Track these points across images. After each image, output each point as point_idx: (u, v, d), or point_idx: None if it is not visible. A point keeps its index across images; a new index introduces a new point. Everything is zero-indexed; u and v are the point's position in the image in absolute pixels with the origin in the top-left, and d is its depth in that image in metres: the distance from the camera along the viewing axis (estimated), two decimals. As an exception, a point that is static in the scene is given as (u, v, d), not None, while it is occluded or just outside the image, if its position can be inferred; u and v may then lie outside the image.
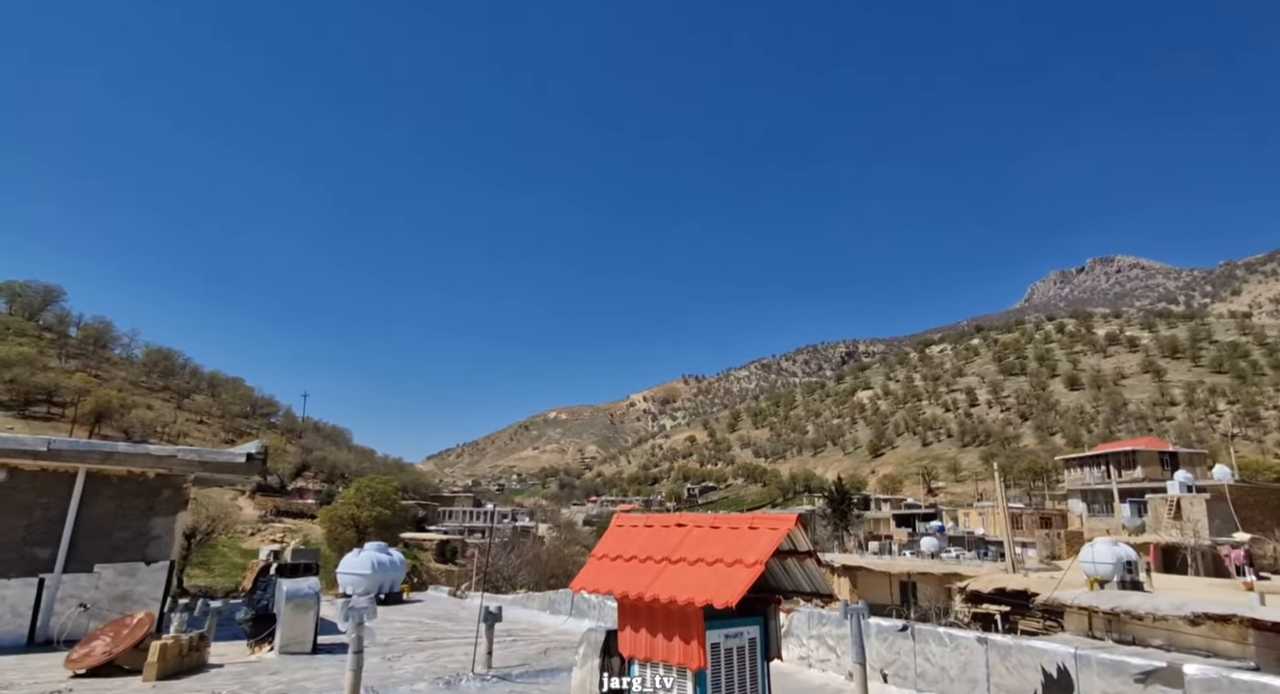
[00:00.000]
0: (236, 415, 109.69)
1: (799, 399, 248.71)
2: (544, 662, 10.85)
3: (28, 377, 77.74)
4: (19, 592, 10.91)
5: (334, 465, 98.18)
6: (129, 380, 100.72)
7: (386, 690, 8.41)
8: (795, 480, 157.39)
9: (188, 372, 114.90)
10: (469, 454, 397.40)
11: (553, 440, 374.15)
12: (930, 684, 8.51)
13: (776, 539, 5.26)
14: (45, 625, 10.99)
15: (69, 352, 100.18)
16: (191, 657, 9.26)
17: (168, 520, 12.56)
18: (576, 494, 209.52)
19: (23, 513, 11.28)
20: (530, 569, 48.23)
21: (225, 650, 10.69)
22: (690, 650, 5.09)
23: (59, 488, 11.60)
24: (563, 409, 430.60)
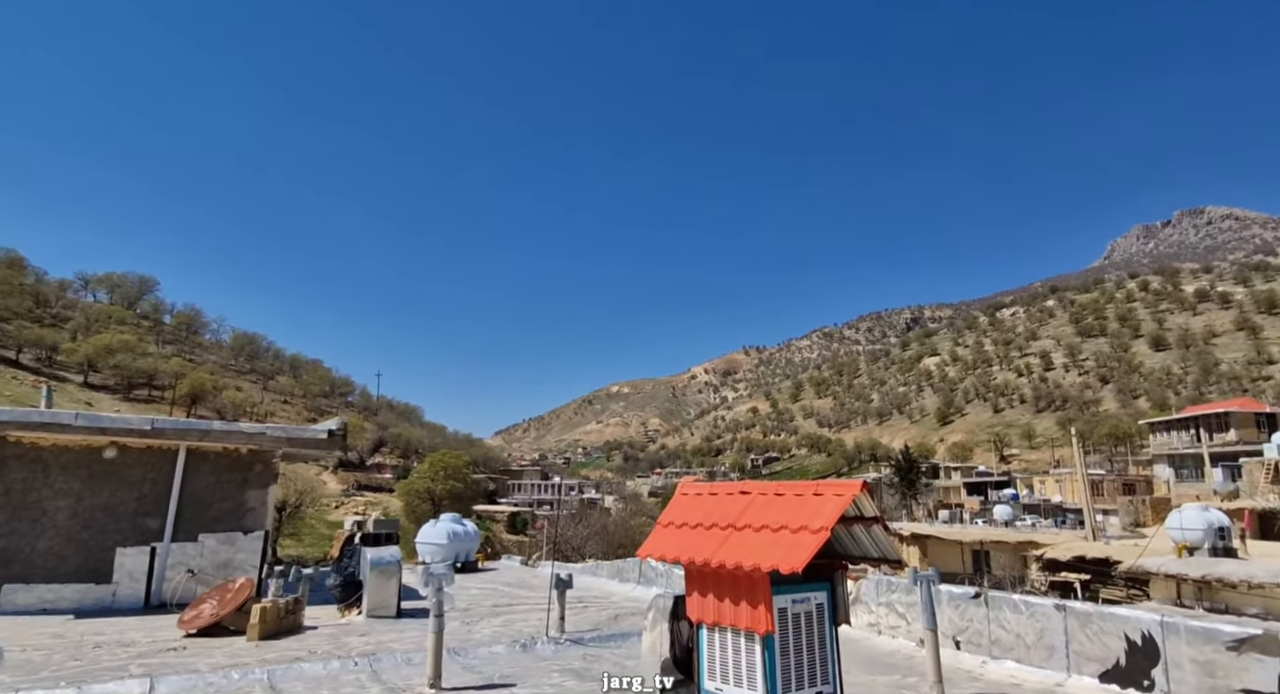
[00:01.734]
0: (317, 395, 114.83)
1: (863, 367, 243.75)
2: (614, 627, 11.12)
3: (130, 362, 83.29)
4: (135, 559, 11.85)
5: (408, 441, 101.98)
6: (219, 364, 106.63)
7: (467, 652, 8.79)
8: (860, 449, 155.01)
9: (271, 354, 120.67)
10: (535, 429, 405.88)
11: (616, 414, 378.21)
12: (1005, 651, 8.36)
13: (842, 505, 5.23)
14: (159, 590, 11.91)
15: (164, 338, 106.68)
16: (289, 619, 9.88)
17: (261, 493, 13.35)
18: (640, 466, 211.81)
19: (134, 487, 12.18)
20: (598, 539, 49.18)
21: (318, 614, 11.35)
22: (758, 615, 5.14)
23: (164, 464, 12.46)
24: (625, 383, 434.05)
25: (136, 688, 6.58)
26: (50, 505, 11.48)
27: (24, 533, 11.22)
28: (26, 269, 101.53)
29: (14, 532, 11.16)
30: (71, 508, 11.62)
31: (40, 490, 11.46)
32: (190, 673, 7.17)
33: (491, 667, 8.13)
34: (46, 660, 7.75)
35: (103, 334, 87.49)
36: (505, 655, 8.84)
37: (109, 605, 11.46)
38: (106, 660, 7.83)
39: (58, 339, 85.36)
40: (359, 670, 7.67)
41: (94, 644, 8.73)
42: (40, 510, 11.41)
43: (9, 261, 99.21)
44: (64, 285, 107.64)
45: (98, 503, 11.86)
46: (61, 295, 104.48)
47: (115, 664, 7.63)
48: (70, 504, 11.62)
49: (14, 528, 11.16)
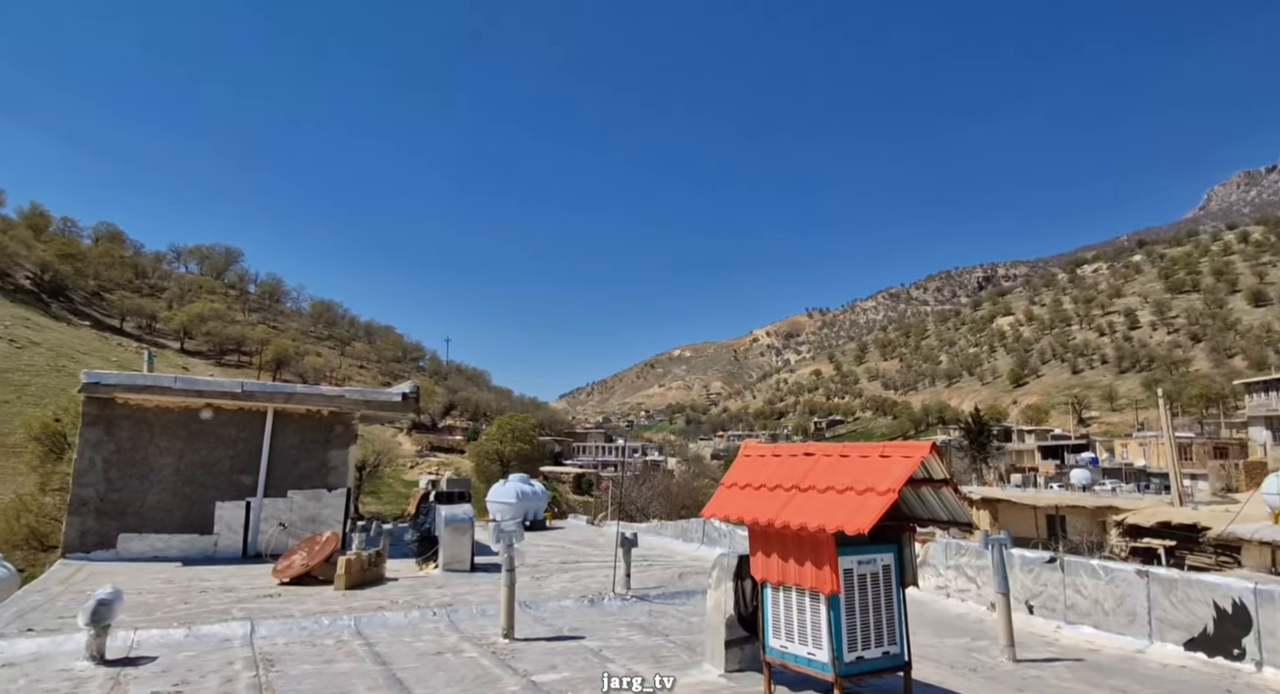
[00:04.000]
0: (390, 360, 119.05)
1: (931, 328, 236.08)
2: (679, 584, 11.31)
3: (220, 329, 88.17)
4: (233, 512, 12.70)
5: (477, 404, 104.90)
6: (300, 330, 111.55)
7: (537, 605, 9.11)
8: (928, 412, 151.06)
9: (347, 321, 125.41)
10: (598, 392, 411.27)
11: (678, 377, 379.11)
12: (1081, 617, 8.13)
13: (909, 467, 5.13)
14: (254, 541, 12.76)
15: (250, 306, 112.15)
16: (371, 571, 10.44)
17: (342, 453, 14.02)
18: (703, 429, 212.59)
19: (229, 445, 12.98)
20: (661, 500, 49.80)
21: (398, 567, 11.94)
22: (823, 575, 5.13)
23: (254, 424, 13.21)
24: (686, 346, 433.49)
25: (239, 630, 7.10)
26: (156, 462, 12.37)
27: (134, 487, 12.15)
28: (126, 243, 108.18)
29: (126, 486, 12.09)
30: (174, 465, 12.49)
31: (147, 448, 12.35)
32: (285, 618, 7.69)
33: (561, 620, 8.41)
34: (160, 602, 8.45)
35: (195, 303, 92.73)
36: (574, 609, 9.12)
37: (211, 554, 12.35)
38: (212, 604, 8.47)
39: (156, 308, 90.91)
40: (438, 620, 8.06)
41: (200, 589, 9.45)
42: (148, 467, 12.32)
43: (110, 235, 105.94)
44: (159, 257, 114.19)
45: (197, 460, 12.71)
46: (157, 266, 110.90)
47: (219, 608, 8.24)
48: (173, 461, 12.49)
49: (126, 483, 12.10)
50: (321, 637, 7.17)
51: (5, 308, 67.49)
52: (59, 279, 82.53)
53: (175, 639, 6.73)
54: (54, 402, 36.57)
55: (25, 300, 73.73)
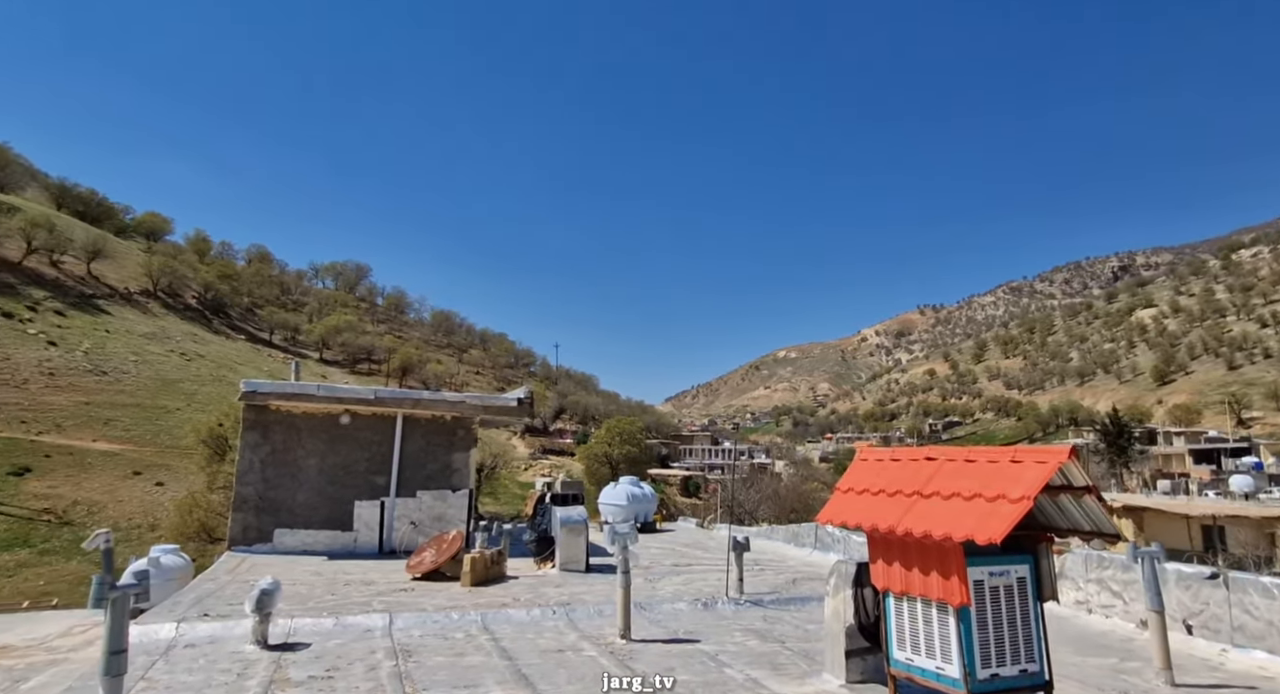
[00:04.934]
0: (503, 366, 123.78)
1: (1058, 323, 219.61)
2: (793, 590, 11.08)
3: (353, 340, 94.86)
4: (369, 511, 13.61)
5: (586, 408, 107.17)
6: (422, 339, 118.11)
7: (652, 607, 9.18)
8: (1056, 413, 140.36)
9: (464, 330, 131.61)
10: (704, 395, 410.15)
11: (784, 379, 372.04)
12: (1253, 640, 7.29)
13: (1045, 473, 4.79)
14: (389, 538, 13.61)
15: (378, 317, 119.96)
16: (494, 569, 10.88)
17: (464, 456, 14.71)
18: (810, 432, 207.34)
19: (364, 448, 13.93)
20: (770, 504, 48.99)
21: (517, 565, 12.38)
22: (950, 586, 4.88)
23: (386, 428, 14.11)
24: (792, 347, 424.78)
25: (379, 621, 7.60)
26: (303, 463, 13.46)
27: (286, 486, 13.27)
28: (273, 262, 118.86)
29: (280, 486, 13.23)
30: (319, 466, 13.54)
31: (295, 450, 13.46)
32: (419, 611, 8.15)
33: (675, 622, 8.44)
34: (310, 593, 9.18)
35: (331, 316, 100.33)
36: (688, 612, 9.13)
37: (352, 550, 13.28)
38: (354, 596, 9.11)
39: (298, 321, 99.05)
40: (557, 618, 8.29)
41: (344, 582, 10.19)
42: (297, 467, 13.42)
43: (260, 256, 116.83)
44: (300, 275, 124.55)
45: (337, 462, 13.71)
46: (299, 283, 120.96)
47: (361, 600, 8.85)
48: (318, 462, 13.54)
49: (279, 482, 13.24)
50: (452, 631, 7.55)
51: (176, 325, 75.58)
52: (219, 297, 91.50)
53: (325, 628, 7.28)
54: (217, 408, 40.55)
55: (192, 317, 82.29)
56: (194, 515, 28.56)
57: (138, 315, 71.67)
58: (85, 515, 37.00)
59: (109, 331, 62.57)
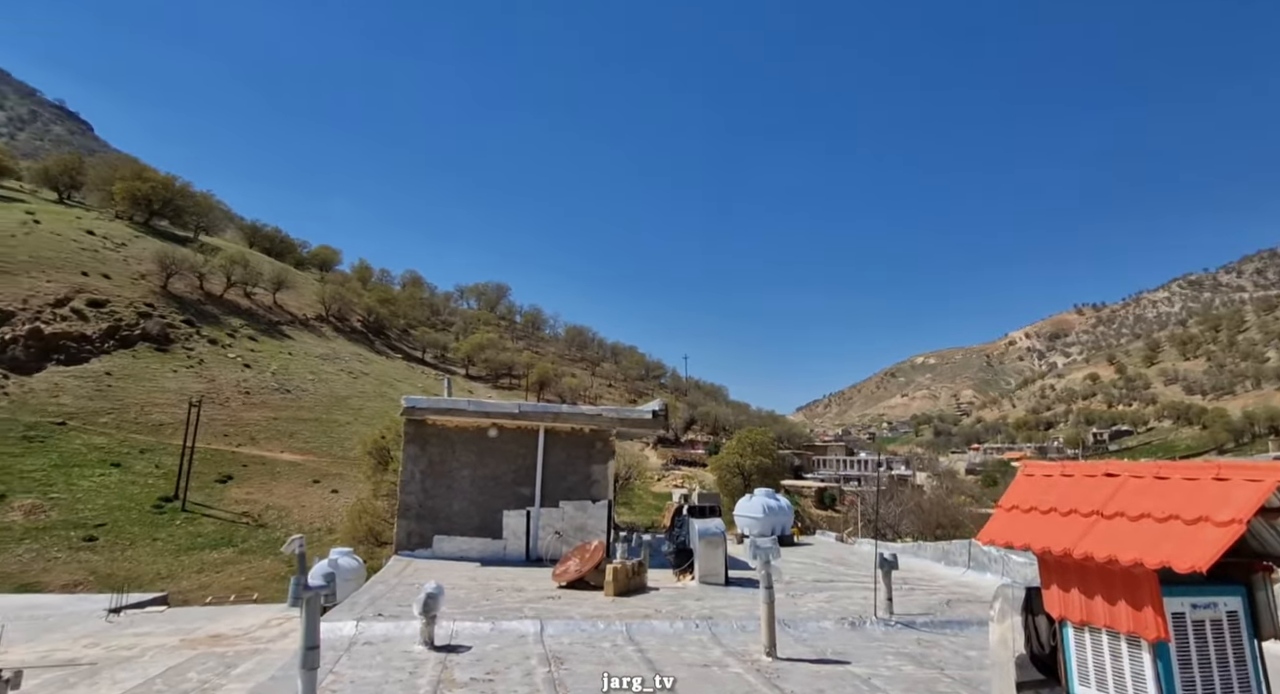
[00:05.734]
0: (635, 378, 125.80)
1: (1250, 318, 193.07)
2: (948, 613, 10.36)
3: (495, 356, 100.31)
4: (516, 520, 14.22)
5: (716, 419, 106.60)
6: (557, 354, 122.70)
7: (796, 624, 8.90)
8: (1252, 420, 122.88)
9: (596, 344, 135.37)
10: (836, 404, 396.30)
11: (922, 386, 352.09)
12: None
13: (1259, 492, 4.15)
14: (534, 546, 14.15)
15: (516, 334, 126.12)
16: (635, 580, 11.00)
17: (602, 467, 15.04)
18: (954, 441, 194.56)
19: (510, 460, 14.60)
20: (912, 518, 46.43)
21: (657, 577, 12.44)
22: (1143, 618, 4.34)
23: (529, 441, 14.71)
24: (930, 353, 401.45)
25: (531, 627, 7.88)
26: (457, 475, 14.30)
27: (442, 496, 14.15)
28: (424, 286, 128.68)
29: (437, 495, 14.13)
30: (470, 477, 14.33)
31: (450, 462, 14.33)
32: (567, 619, 8.37)
33: (822, 641, 8.12)
34: (468, 598, 9.69)
35: (475, 334, 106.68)
36: (834, 631, 8.76)
37: (501, 557, 13.92)
38: (507, 602, 9.52)
39: (446, 340, 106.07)
40: (700, 632, 8.23)
41: (496, 588, 10.68)
42: (451, 478, 14.28)
43: (413, 281, 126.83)
44: (448, 297, 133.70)
45: (487, 473, 14.44)
46: (446, 304, 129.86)
47: (513, 606, 9.23)
48: (470, 473, 14.33)
49: (437, 492, 14.15)
50: (599, 639, 7.68)
51: (345, 346, 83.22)
52: (379, 320, 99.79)
53: (483, 631, 7.65)
54: (380, 422, 44.12)
55: (358, 339, 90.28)
56: (363, 520, 31.10)
57: (314, 339, 79.60)
58: (276, 519, 41.37)
59: (291, 354, 69.93)
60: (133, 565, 33.55)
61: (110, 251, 70.83)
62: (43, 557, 32.81)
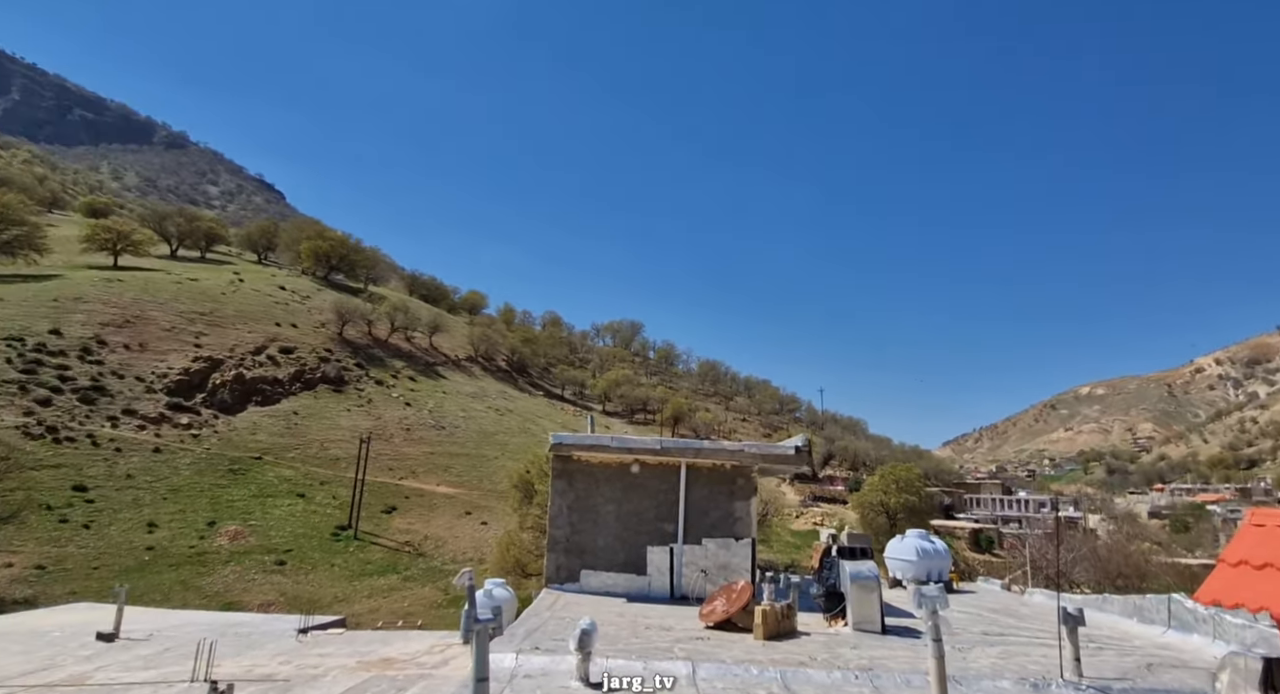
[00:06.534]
0: (769, 412, 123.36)
1: None
2: (1150, 679, 9.02)
3: (630, 392, 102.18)
4: (660, 556, 14.14)
5: (855, 454, 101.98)
6: (690, 389, 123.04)
7: (967, 683, 8.09)
8: None
9: (729, 378, 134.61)
10: (987, 439, 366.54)
11: (1089, 419, 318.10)
12: None
13: None
14: (679, 584, 13.97)
15: (650, 370, 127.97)
16: (785, 623, 10.51)
17: (745, 504, 14.68)
18: (1131, 480, 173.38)
19: (652, 496, 14.60)
20: (1087, 566, 41.69)
21: (806, 621, 11.83)
22: None
23: (670, 477, 14.67)
24: (1098, 383, 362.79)
25: (683, 668, 7.69)
26: (602, 510, 14.49)
27: (588, 530, 14.37)
28: (563, 325, 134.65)
29: (583, 530, 14.38)
30: (615, 512, 14.47)
31: (594, 498, 14.57)
32: (718, 662, 8.10)
33: (1002, 704, 7.30)
34: (618, 635, 9.66)
35: (611, 371, 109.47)
36: (1014, 693, 7.87)
37: (646, 594, 13.85)
38: (656, 641, 9.39)
39: (584, 377, 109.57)
40: (860, 684, 7.67)
41: (644, 625, 10.59)
42: (596, 513, 14.49)
43: (552, 321, 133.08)
44: (585, 335, 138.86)
45: (630, 509, 14.52)
46: (584, 342, 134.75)
47: (662, 645, 9.09)
48: (614, 509, 14.48)
49: (583, 527, 14.39)
50: (753, 686, 7.35)
51: (492, 384, 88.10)
52: (522, 359, 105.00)
53: (635, 670, 7.55)
54: (524, 457, 45.97)
55: (503, 377, 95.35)
56: (511, 553, 32.29)
57: (464, 378, 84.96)
58: (433, 548, 43.96)
59: (445, 393, 74.97)
60: (314, 588, 36.76)
61: (297, 304, 79.90)
62: (243, 578, 36.75)
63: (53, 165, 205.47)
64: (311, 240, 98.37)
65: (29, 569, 33.59)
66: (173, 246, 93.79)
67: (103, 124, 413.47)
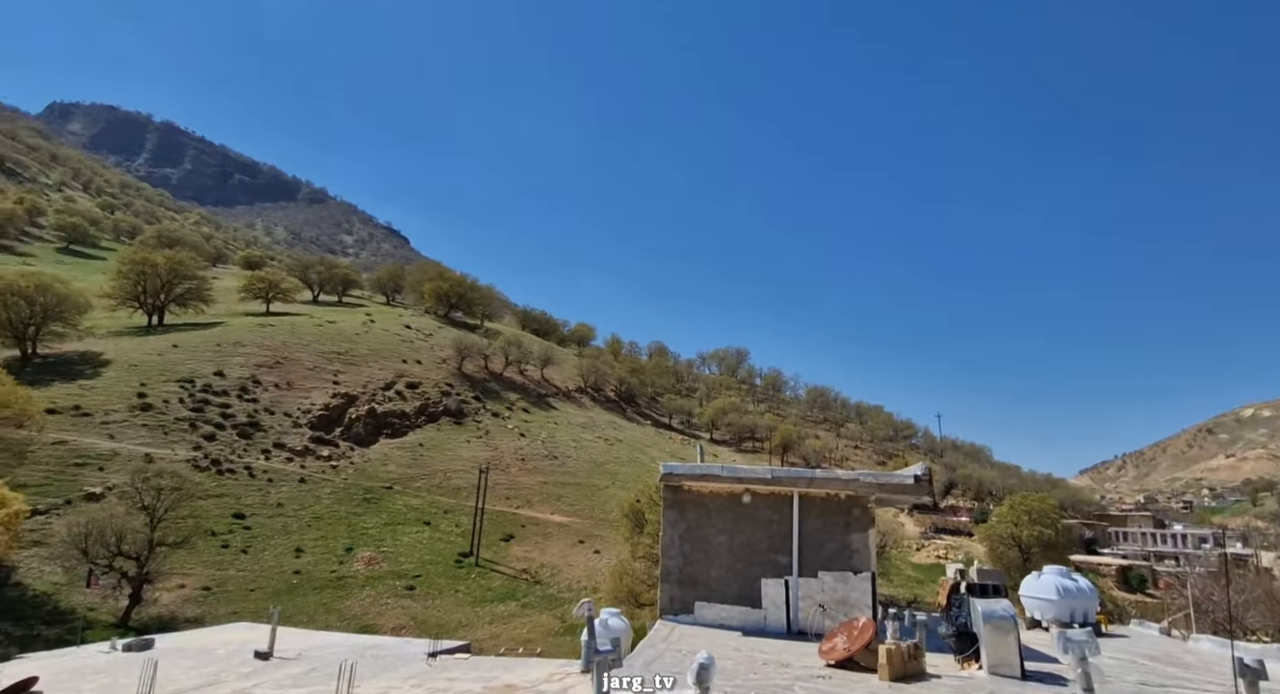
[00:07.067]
0: (882, 439, 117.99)
1: None
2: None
3: (737, 419, 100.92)
4: (775, 589, 13.74)
5: (979, 482, 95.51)
6: (799, 416, 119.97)
7: (1127, 738, 7.28)
8: None
9: (839, 404, 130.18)
10: (1131, 466, 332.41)
11: (1255, 444, 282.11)
12: None
13: None
14: (795, 618, 13.49)
15: (757, 397, 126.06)
16: (912, 664, 9.89)
17: (862, 536, 14.04)
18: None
19: (764, 527, 14.26)
20: (1262, 609, 36.80)
21: (935, 662, 11.08)
22: None
23: (783, 507, 14.29)
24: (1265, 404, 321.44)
25: (805, 709, 7.40)
26: (714, 540, 14.30)
27: (700, 561, 14.21)
28: (668, 355, 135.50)
29: (695, 560, 14.23)
30: (727, 543, 14.24)
31: (706, 528, 14.41)
32: (842, 703, 7.73)
33: (1171, 766, 6.51)
34: (735, 670, 9.44)
35: (717, 399, 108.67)
36: (1185, 754, 7.00)
37: (762, 627, 13.46)
38: (775, 678, 9.09)
39: (690, 406, 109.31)
40: (1002, 734, 7.07)
41: (761, 661, 10.29)
42: (708, 544, 14.31)
43: (658, 351, 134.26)
44: (690, 363, 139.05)
45: (742, 540, 14.24)
46: (689, 371, 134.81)
47: (782, 682, 8.78)
48: (726, 540, 14.25)
49: (695, 557, 14.25)
50: (881, 731, 6.95)
51: (601, 414, 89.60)
52: (630, 389, 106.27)
53: (756, 708, 7.35)
54: (634, 486, 46.27)
55: (611, 407, 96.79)
56: (624, 582, 32.37)
57: (574, 409, 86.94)
58: (549, 576, 44.83)
59: (556, 423, 76.97)
60: (441, 613, 38.34)
61: (421, 341, 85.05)
62: (377, 602, 38.91)
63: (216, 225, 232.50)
64: (433, 281, 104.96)
65: (197, 590, 37.12)
66: (315, 292, 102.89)
67: (257, 185, 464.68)
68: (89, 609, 33.71)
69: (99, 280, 78.41)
